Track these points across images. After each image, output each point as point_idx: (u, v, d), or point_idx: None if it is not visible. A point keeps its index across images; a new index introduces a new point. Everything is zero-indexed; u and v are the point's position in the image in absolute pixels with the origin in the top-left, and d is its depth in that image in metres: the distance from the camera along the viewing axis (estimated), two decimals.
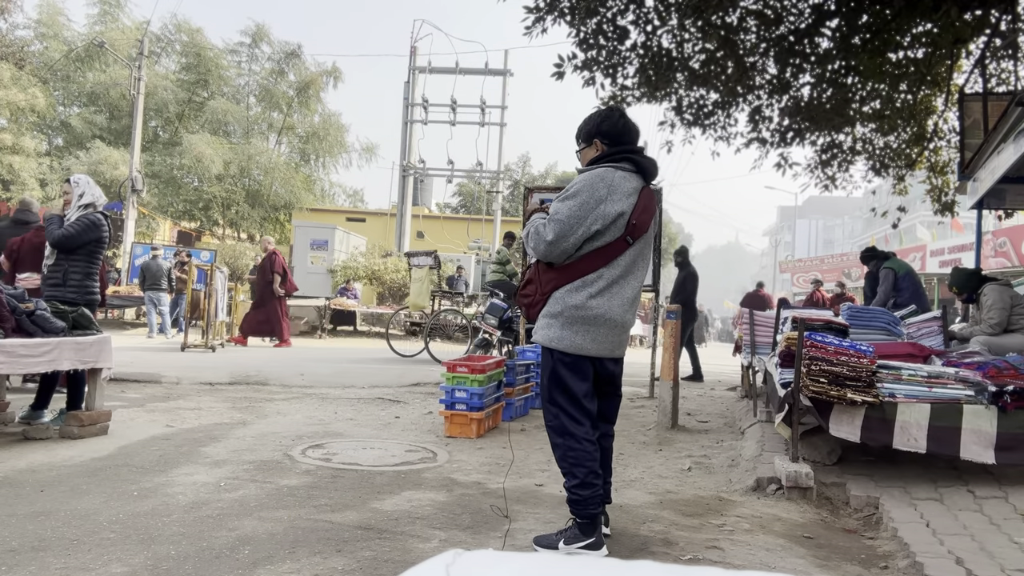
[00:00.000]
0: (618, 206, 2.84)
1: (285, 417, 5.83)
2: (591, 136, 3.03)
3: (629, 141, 3.01)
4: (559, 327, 2.88)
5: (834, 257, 42.07)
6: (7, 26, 23.09)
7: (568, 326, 2.87)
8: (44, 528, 2.92)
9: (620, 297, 2.91)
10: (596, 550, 2.81)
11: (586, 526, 2.82)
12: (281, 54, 27.58)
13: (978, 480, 3.92)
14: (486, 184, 25.80)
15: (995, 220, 14.71)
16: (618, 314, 2.91)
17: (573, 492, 2.83)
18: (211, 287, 11.97)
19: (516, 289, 8.14)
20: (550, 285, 2.91)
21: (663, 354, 6.25)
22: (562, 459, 2.89)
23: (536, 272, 2.98)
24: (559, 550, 2.82)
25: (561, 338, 2.87)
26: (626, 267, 2.92)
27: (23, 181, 20.78)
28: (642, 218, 2.91)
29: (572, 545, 2.81)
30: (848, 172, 9.85)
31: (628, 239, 2.88)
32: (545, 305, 2.92)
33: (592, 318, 2.86)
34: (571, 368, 2.90)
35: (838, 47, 7.00)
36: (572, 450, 2.85)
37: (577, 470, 2.82)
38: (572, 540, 2.82)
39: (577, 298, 2.86)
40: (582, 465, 2.82)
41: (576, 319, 2.86)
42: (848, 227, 70.33)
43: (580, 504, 2.81)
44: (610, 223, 2.83)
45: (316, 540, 2.91)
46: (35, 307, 4.53)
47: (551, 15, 6.97)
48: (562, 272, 2.89)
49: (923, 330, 5.86)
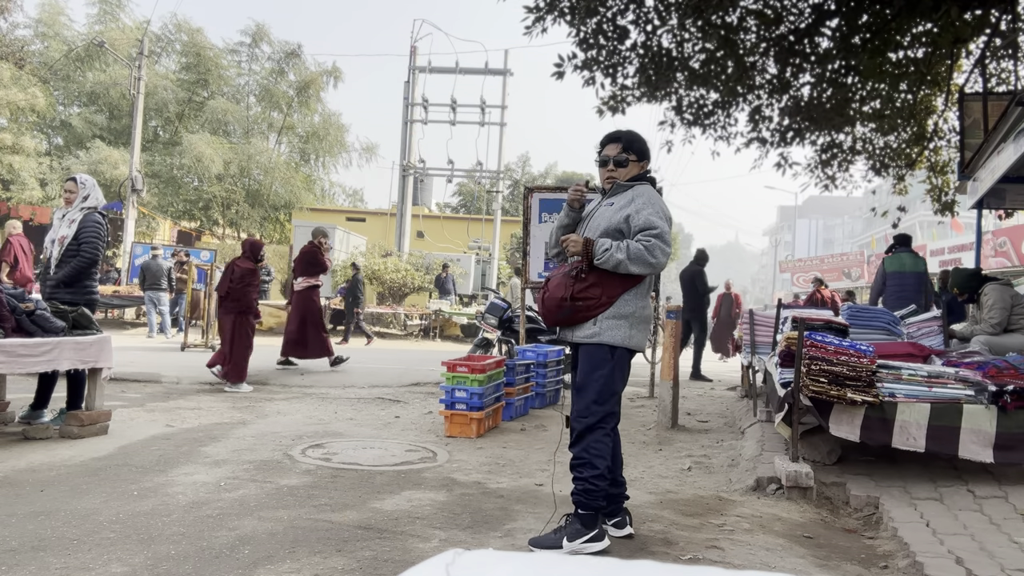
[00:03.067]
0: None
1: (285, 417, 5.83)
2: (644, 155, 3.27)
3: None
4: (628, 327, 3.09)
5: (834, 257, 42.06)
6: (7, 26, 23.09)
7: (635, 326, 3.12)
8: (44, 528, 2.92)
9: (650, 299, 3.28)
10: (601, 540, 2.92)
11: (590, 519, 2.93)
12: (281, 54, 27.55)
13: (978, 480, 3.92)
14: (486, 184, 25.78)
15: (995, 220, 14.71)
16: (652, 314, 3.30)
17: (590, 482, 2.94)
18: (211, 287, 11.97)
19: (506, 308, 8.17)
20: (619, 289, 3.09)
21: (663, 354, 6.25)
22: (586, 450, 3.00)
23: (599, 277, 3.07)
24: (563, 548, 2.88)
25: (631, 336, 3.11)
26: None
27: (23, 181, 20.76)
28: None
29: (577, 540, 2.88)
30: (848, 172, 9.85)
31: None
32: (610, 307, 3.08)
33: (648, 318, 3.20)
34: (626, 365, 3.15)
35: (838, 47, 6.99)
36: (599, 442, 3.01)
37: (599, 462, 2.98)
38: (576, 535, 2.90)
39: (642, 301, 3.16)
40: (604, 457, 3.00)
41: (642, 319, 3.15)
42: (848, 227, 70.30)
43: (591, 494, 2.93)
44: None
45: (316, 540, 2.91)
46: (35, 307, 4.53)
47: (551, 15, 6.96)
48: (627, 277, 3.08)
49: (923, 330, 5.86)
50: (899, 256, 7.76)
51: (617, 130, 3.30)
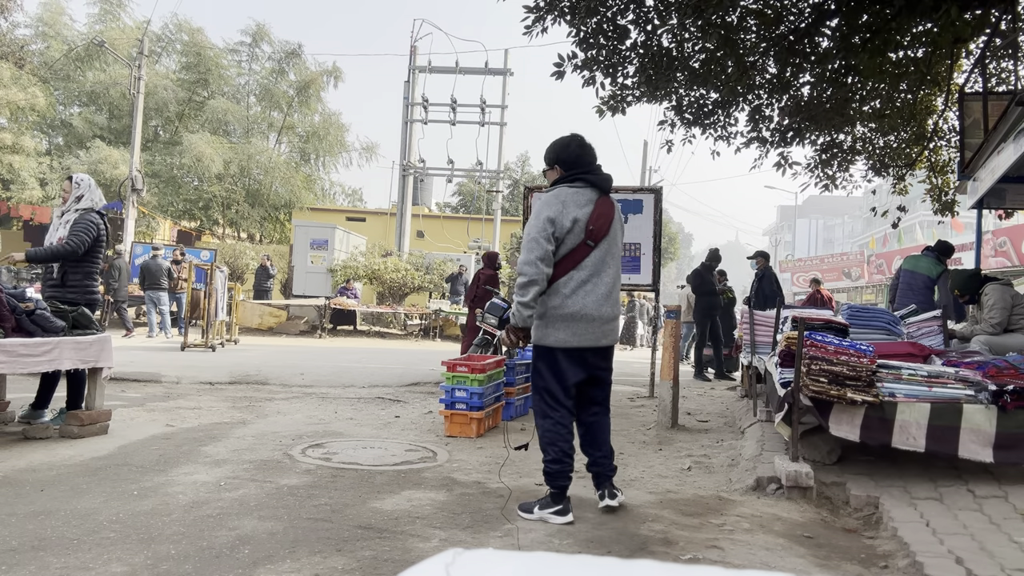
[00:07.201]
0: (571, 215, 3.33)
1: (285, 416, 5.83)
2: (552, 162, 3.55)
3: (584, 164, 3.49)
4: (543, 326, 3.38)
5: (834, 257, 42.06)
6: (7, 25, 23.07)
7: (550, 324, 3.36)
8: (44, 527, 2.92)
9: (593, 295, 3.37)
10: (562, 516, 3.28)
11: (557, 495, 3.33)
12: (281, 53, 27.55)
13: (978, 479, 3.92)
14: (486, 184, 25.78)
15: (995, 220, 14.71)
16: (593, 309, 3.36)
17: (547, 465, 3.38)
18: (211, 287, 11.97)
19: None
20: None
21: (663, 354, 6.26)
22: (541, 438, 3.43)
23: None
24: (533, 513, 3.33)
25: (545, 335, 3.38)
26: (594, 267, 3.39)
27: (23, 181, 20.74)
28: (599, 223, 3.39)
29: (544, 511, 3.30)
30: (848, 172, 9.84)
31: (589, 243, 3.37)
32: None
33: (569, 315, 3.33)
34: (550, 361, 3.40)
35: (838, 47, 6.98)
36: (548, 431, 3.39)
37: (551, 448, 3.37)
38: (545, 507, 3.32)
39: (554, 300, 3.35)
40: (555, 444, 3.36)
41: (555, 317, 3.35)
42: (848, 227, 70.31)
43: (551, 476, 3.35)
44: (566, 232, 3.32)
45: (316, 539, 2.91)
46: (35, 306, 4.53)
47: (551, 15, 6.95)
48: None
49: (923, 329, 5.86)
50: (919, 257, 7.78)
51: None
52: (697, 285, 10.63)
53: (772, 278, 10.13)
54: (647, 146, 32.00)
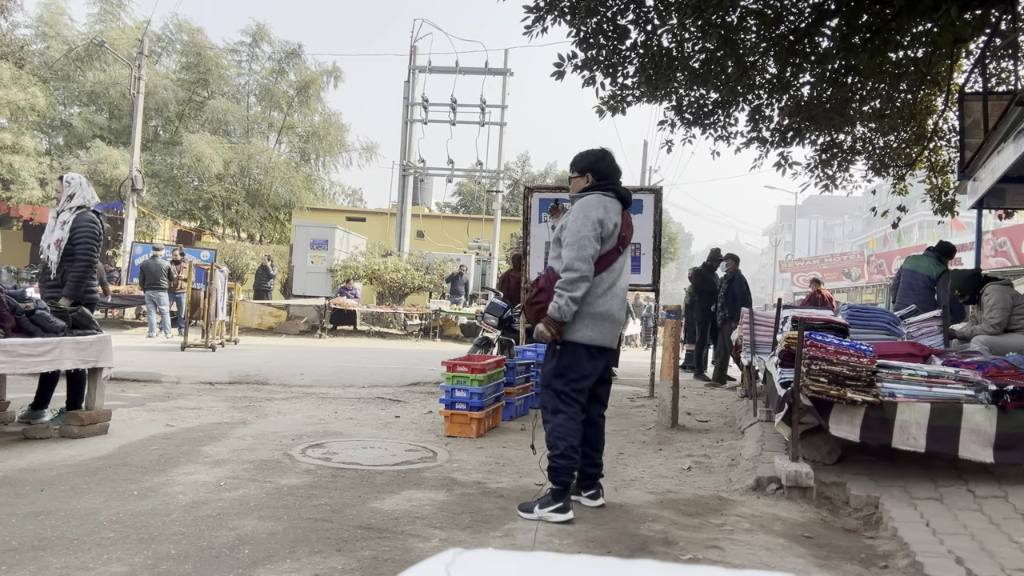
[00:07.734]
0: (613, 220, 3.49)
1: (285, 416, 5.83)
2: (585, 170, 3.66)
3: (615, 177, 3.67)
4: (574, 322, 3.44)
5: (834, 257, 42.07)
6: (7, 25, 23.08)
7: (580, 321, 3.44)
8: (44, 527, 2.92)
9: (617, 297, 3.55)
10: (563, 513, 3.31)
11: (559, 492, 3.34)
12: (281, 53, 27.57)
13: (978, 480, 3.92)
14: (486, 184, 25.77)
15: (995, 220, 14.71)
16: (616, 310, 3.54)
17: (554, 460, 3.39)
18: (211, 287, 11.97)
19: (504, 310, 8.17)
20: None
21: (663, 353, 6.25)
22: (551, 433, 3.45)
23: (548, 282, 3.48)
24: (533, 513, 3.33)
25: (575, 331, 3.45)
26: (619, 271, 3.57)
27: (23, 180, 20.75)
28: (627, 232, 3.62)
29: (544, 509, 3.32)
30: (848, 172, 9.84)
31: (620, 248, 3.55)
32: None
33: (599, 314, 3.46)
34: (575, 357, 3.47)
35: (838, 47, 6.98)
36: (560, 426, 3.42)
37: (560, 443, 3.40)
38: (545, 505, 3.34)
39: (589, 298, 3.44)
40: (565, 439, 3.40)
41: (587, 315, 3.44)
42: (848, 227, 70.32)
43: (557, 471, 3.36)
44: (610, 235, 3.47)
45: (316, 539, 2.91)
46: (35, 306, 4.53)
47: (551, 15, 6.95)
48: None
49: (923, 330, 5.86)
50: (920, 257, 7.76)
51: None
52: (698, 285, 10.63)
53: (741, 280, 9.95)
54: (647, 146, 32.05)
